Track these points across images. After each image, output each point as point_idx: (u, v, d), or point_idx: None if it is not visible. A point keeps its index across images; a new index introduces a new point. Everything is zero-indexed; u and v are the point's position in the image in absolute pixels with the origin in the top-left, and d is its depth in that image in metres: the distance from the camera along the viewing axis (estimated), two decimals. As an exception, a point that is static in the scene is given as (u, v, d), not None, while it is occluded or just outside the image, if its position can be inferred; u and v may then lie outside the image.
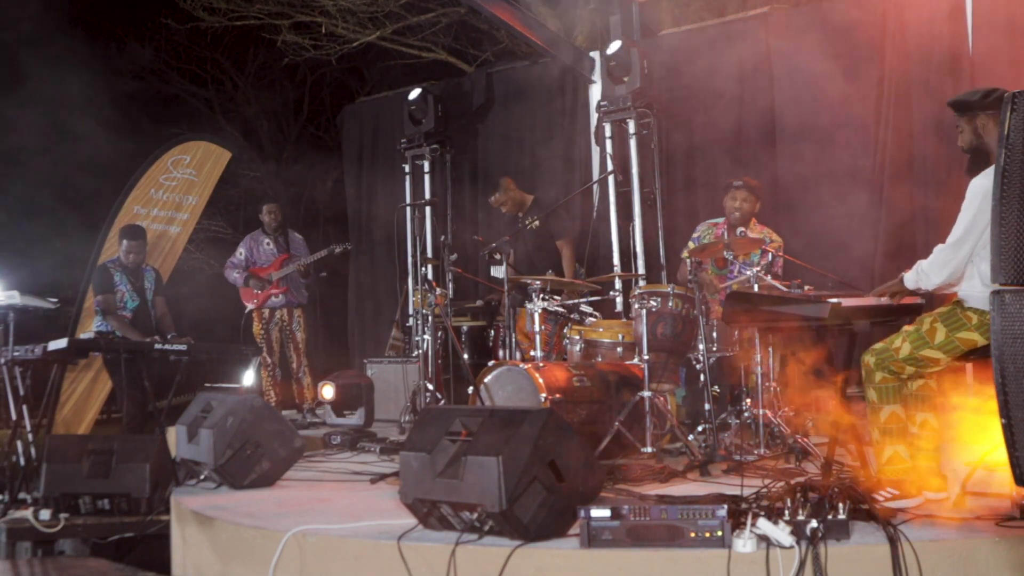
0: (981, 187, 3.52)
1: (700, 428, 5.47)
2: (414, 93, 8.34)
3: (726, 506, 3.09)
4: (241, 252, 7.84)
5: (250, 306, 7.74)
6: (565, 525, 3.33)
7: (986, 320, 3.44)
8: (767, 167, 7.20)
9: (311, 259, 7.72)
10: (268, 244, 7.82)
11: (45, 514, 4.73)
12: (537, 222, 6.78)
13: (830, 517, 3.07)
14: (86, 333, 7.23)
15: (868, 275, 6.56)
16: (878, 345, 3.76)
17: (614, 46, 7.32)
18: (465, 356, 6.66)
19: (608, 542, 3.12)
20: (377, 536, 3.47)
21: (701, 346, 5.15)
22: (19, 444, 5.65)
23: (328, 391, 7.09)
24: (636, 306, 5.20)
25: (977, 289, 3.56)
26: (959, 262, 3.59)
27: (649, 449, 4.87)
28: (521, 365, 5.16)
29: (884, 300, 3.88)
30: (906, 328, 3.74)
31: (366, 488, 4.68)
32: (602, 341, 5.70)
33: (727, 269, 5.98)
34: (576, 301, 6.07)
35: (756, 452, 4.96)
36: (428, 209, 8.37)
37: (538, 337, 5.70)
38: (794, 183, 7.07)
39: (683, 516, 3.07)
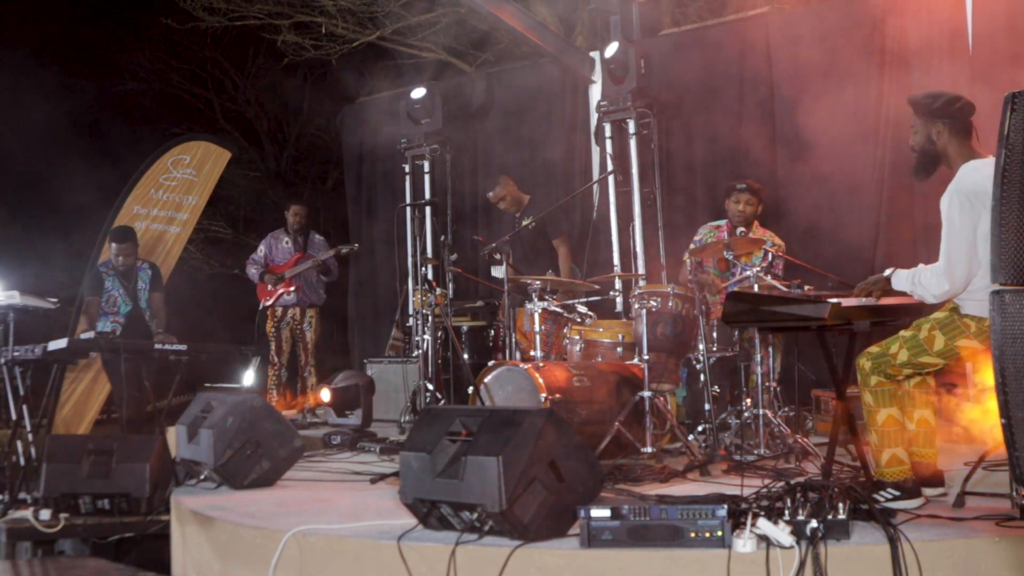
0: (955, 200, 3.49)
1: (700, 428, 5.47)
2: (419, 92, 8.33)
3: (726, 506, 3.09)
4: (261, 249, 7.94)
5: (264, 303, 7.77)
6: (565, 525, 3.33)
7: (984, 327, 3.43)
8: (767, 167, 7.20)
9: (320, 258, 7.76)
10: (286, 243, 7.91)
11: (45, 514, 4.73)
12: (533, 222, 6.78)
13: (830, 517, 3.07)
14: (86, 333, 7.22)
15: (868, 276, 6.55)
16: (874, 349, 3.74)
17: (614, 46, 7.32)
18: (465, 356, 6.65)
19: (608, 542, 3.12)
20: (377, 536, 3.47)
21: (701, 346, 5.15)
22: (19, 444, 5.65)
23: (325, 395, 7.10)
24: (636, 306, 5.20)
25: (974, 296, 3.53)
26: (959, 285, 3.52)
27: (649, 449, 4.87)
28: (521, 365, 5.16)
29: (870, 300, 3.85)
30: (903, 333, 3.69)
31: (366, 488, 4.68)
32: (602, 341, 5.70)
33: (729, 272, 5.98)
34: (574, 301, 6.07)
35: (756, 452, 4.96)
36: (428, 209, 8.36)
37: (538, 337, 5.70)
38: (794, 183, 7.06)
39: (683, 516, 3.08)
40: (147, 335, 6.88)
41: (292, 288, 7.73)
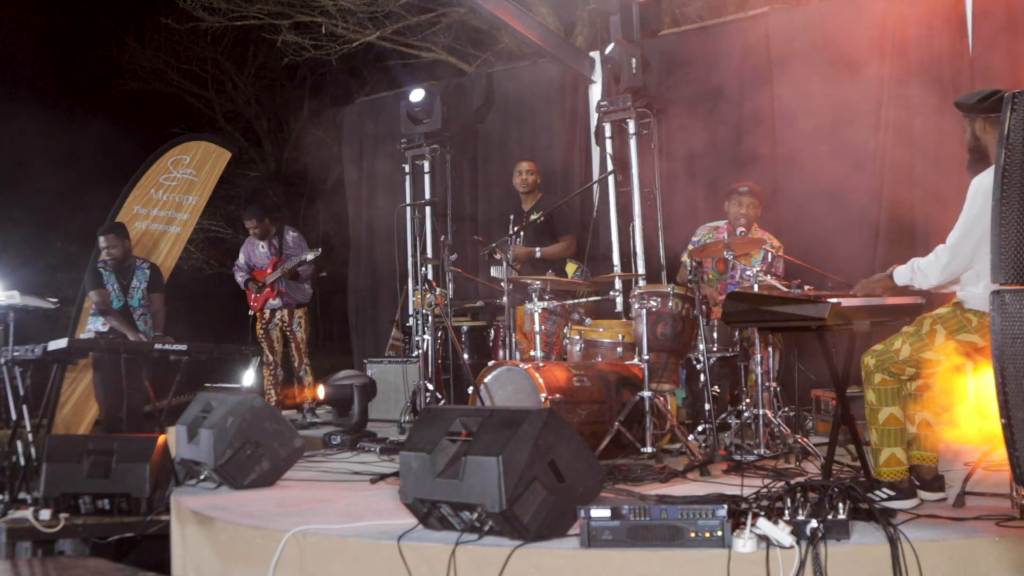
0: (982, 187, 3.52)
1: (700, 428, 5.47)
2: (419, 93, 8.32)
3: (726, 506, 3.09)
4: (241, 256, 7.86)
5: (252, 310, 7.74)
6: (565, 525, 3.33)
7: (986, 322, 3.43)
8: (767, 167, 7.19)
9: (289, 265, 7.59)
10: (262, 247, 7.77)
11: (45, 514, 4.73)
12: (541, 217, 6.77)
13: (830, 517, 3.08)
14: (85, 333, 7.22)
15: (868, 276, 6.55)
16: (878, 347, 3.75)
17: (613, 46, 7.32)
18: (465, 356, 6.65)
19: (608, 542, 3.12)
20: (377, 536, 3.47)
21: (701, 346, 5.15)
22: (19, 444, 5.65)
23: (321, 391, 7.10)
24: (636, 306, 5.19)
25: (978, 291, 3.55)
26: (959, 264, 3.57)
27: (649, 449, 4.87)
28: (521, 365, 5.16)
29: (876, 300, 3.86)
30: (906, 329, 3.72)
31: (366, 488, 4.68)
32: (602, 341, 5.69)
33: (728, 273, 5.97)
34: (577, 301, 6.06)
35: (756, 452, 4.96)
36: (428, 209, 8.36)
37: (538, 337, 5.70)
38: (794, 183, 7.06)
39: (683, 516, 3.07)
40: (135, 334, 6.81)
41: (276, 292, 7.66)
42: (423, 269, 7.82)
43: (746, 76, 7.45)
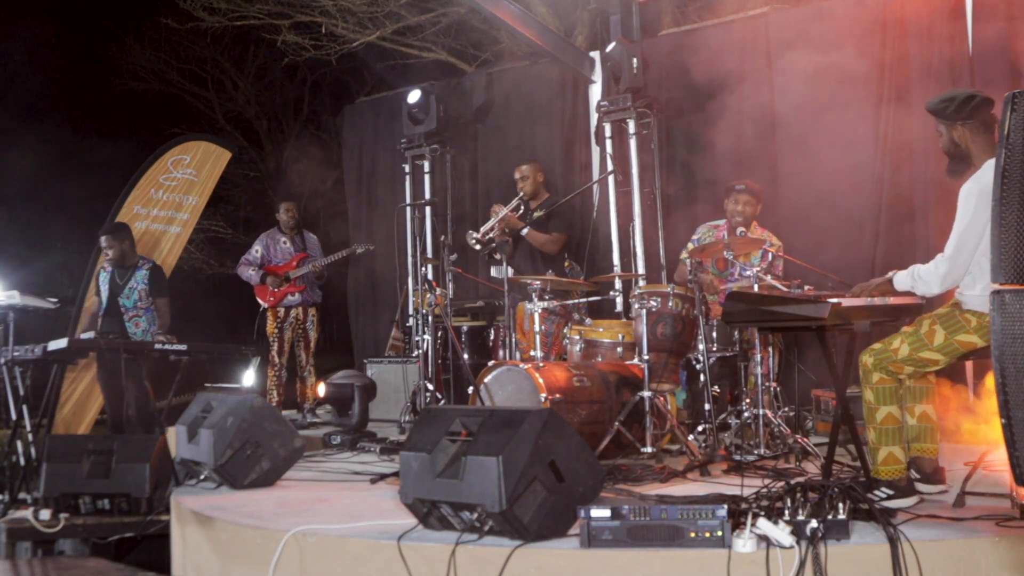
0: (972, 192, 3.54)
1: (700, 428, 5.47)
2: (415, 95, 8.33)
3: (726, 506, 3.10)
4: (257, 250, 7.85)
5: (265, 304, 7.74)
6: (565, 525, 3.33)
7: (985, 323, 3.44)
8: (767, 166, 7.19)
9: (329, 259, 7.74)
10: (285, 243, 7.85)
11: (45, 514, 4.73)
12: (544, 214, 6.75)
13: (830, 517, 3.08)
14: (86, 333, 7.21)
15: (868, 276, 6.51)
16: (876, 346, 3.76)
17: (614, 46, 7.32)
18: (465, 356, 6.65)
19: (608, 542, 3.12)
20: (377, 536, 3.47)
21: (701, 346, 5.15)
22: (19, 444, 5.65)
23: (321, 389, 7.11)
24: (636, 306, 5.20)
25: (975, 293, 3.55)
26: (959, 272, 3.59)
27: (649, 449, 4.87)
28: (521, 365, 5.16)
29: (876, 300, 3.87)
30: (905, 329, 3.73)
31: (366, 488, 4.68)
32: (602, 341, 5.69)
33: (728, 272, 5.97)
34: (577, 301, 6.06)
35: (756, 452, 4.96)
36: (428, 209, 8.36)
37: (538, 337, 5.70)
38: (794, 183, 7.06)
39: (683, 516, 3.08)
40: (120, 334, 6.80)
41: (298, 288, 7.71)
42: (423, 269, 7.83)
43: (746, 76, 7.44)
